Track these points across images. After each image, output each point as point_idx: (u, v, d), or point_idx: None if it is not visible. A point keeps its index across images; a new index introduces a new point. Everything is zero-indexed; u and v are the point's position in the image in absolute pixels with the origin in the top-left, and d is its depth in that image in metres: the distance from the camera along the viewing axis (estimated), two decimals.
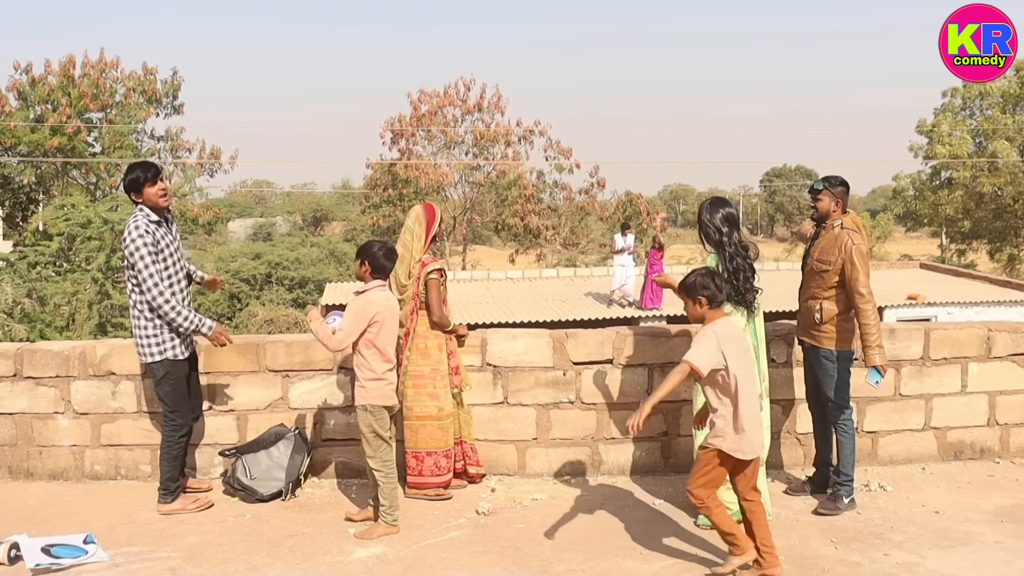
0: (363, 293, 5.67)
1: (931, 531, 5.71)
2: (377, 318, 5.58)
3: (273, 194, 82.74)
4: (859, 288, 5.88)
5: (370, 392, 5.64)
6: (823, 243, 6.12)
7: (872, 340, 5.86)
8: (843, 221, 6.07)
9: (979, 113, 41.80)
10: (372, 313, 5.58)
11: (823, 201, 6.14)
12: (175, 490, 6.09)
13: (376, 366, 5.62)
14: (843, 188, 6.16)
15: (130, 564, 5.28)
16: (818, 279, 6.10)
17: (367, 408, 5.64)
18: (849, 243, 5.94)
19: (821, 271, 6.06)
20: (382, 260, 5.67)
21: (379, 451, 5.66)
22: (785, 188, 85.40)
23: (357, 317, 5.57)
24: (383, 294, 5.72)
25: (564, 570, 5.13)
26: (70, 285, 23.41)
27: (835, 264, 5.97)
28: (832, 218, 6.12)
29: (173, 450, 6.07)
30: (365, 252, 5.71)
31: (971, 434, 7.08)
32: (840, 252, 5.95)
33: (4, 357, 6.73)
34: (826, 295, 6.05)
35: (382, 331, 5.61)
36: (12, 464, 6.74)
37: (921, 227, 49.97)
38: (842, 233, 6.00)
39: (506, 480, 6.67)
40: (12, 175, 32.95)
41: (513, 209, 38.37)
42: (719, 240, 5.94)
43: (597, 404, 6.71)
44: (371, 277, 5.68)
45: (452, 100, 37.25)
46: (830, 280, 6.02)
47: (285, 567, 5.23)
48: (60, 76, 32.16)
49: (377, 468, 5.66)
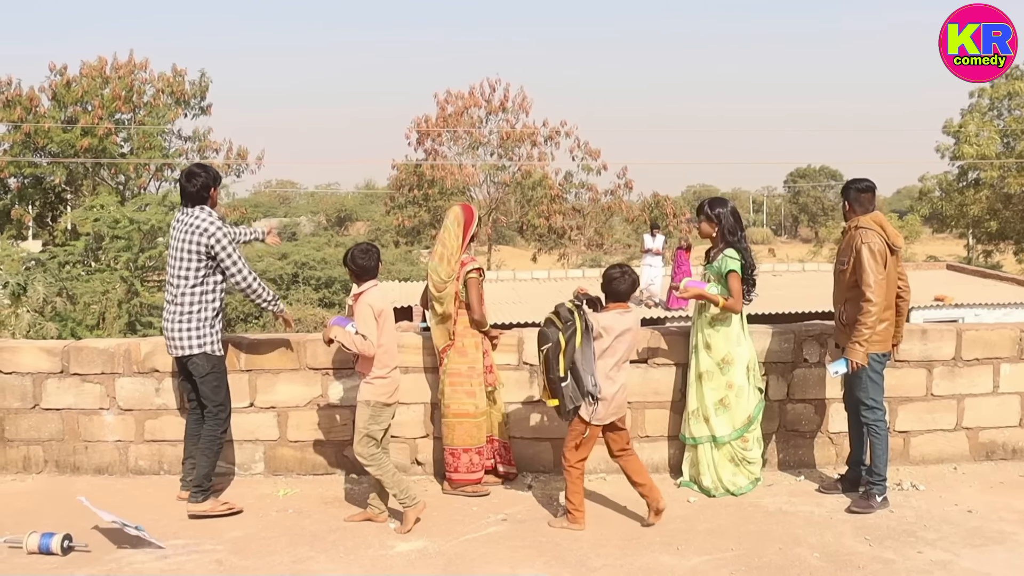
0: (362, 295, 5.87)
1: (964, 530, 5.77)
2: (382, 315, 5.80)
3: (297, 194, 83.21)
4: (863, 287, 5.99)
5: (377, 388, 5.83)
6: (842, 245, 6.25)
7: (857, 336, 5.96)
8: (860, 221, 6.15)
9: (1007, 113, 41.52)
10: (380, 309, 5.79)
11: (847, 205, 6.28)
12: (208, 488, 6.14)
13: (387, 362, 5.83)
14: (859, 191, 6.25)
15: (177, 556, 5.41)
16: (838, 280, 6.22)
17: (370, 404, 5.81)
18: (859, 242, 6.04)
19: (839, 272, 6.19)
20: (360, 262, 5.91)
21: (365, 447, 5.81)
22: (809, 189, 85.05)
23: (370, 316, 5.77)
24: (381, 290, 5.96)
25: (602, 565, 5.23)
26: (100, 284, 23.67)
27: (849, 265, 6.07)
28: (852, 220, 6.22)
29: (216, 445, 6.17)
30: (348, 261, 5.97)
31: (1003, 434, 7.12)
32: (852, 252, 6.05)
33: (51, 354, 6.88)
34: (848, 296, 6.14)
35: (385, 328, 5.82)
36: (59, 459, 6.90)
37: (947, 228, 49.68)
38: (855, 233, 6.12)
39: (542, 478, 6.77)
40: (44, 175, 33.31)
41: (538, 209, 38.47)
42: (737, 237, 6.25)
43: (632, 403, 6.77)
44: (361, 280, 5.91)
45: (477, 101, 37.38)
46: (848, 281, 6.12)
47: (329, 560, 5.35)
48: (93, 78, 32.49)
49: (364, 462, 5.82)
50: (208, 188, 6.13)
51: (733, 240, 6.39)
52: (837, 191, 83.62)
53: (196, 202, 6.11)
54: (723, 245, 6.41)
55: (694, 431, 6.44)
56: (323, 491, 6.55)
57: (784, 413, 6.90)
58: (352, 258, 5.92)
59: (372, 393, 5.82)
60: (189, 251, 6.01)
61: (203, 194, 6.11)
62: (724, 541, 5.57)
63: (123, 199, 30.58)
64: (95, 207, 25.56)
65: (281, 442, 6.85)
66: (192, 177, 6.14)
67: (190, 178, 6.14)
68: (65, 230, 32.58)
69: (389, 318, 5.89)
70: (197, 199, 6.11)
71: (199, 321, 6.07)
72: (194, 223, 6.04)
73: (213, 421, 6.18)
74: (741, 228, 6.45)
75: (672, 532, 5.71)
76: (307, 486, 6.65)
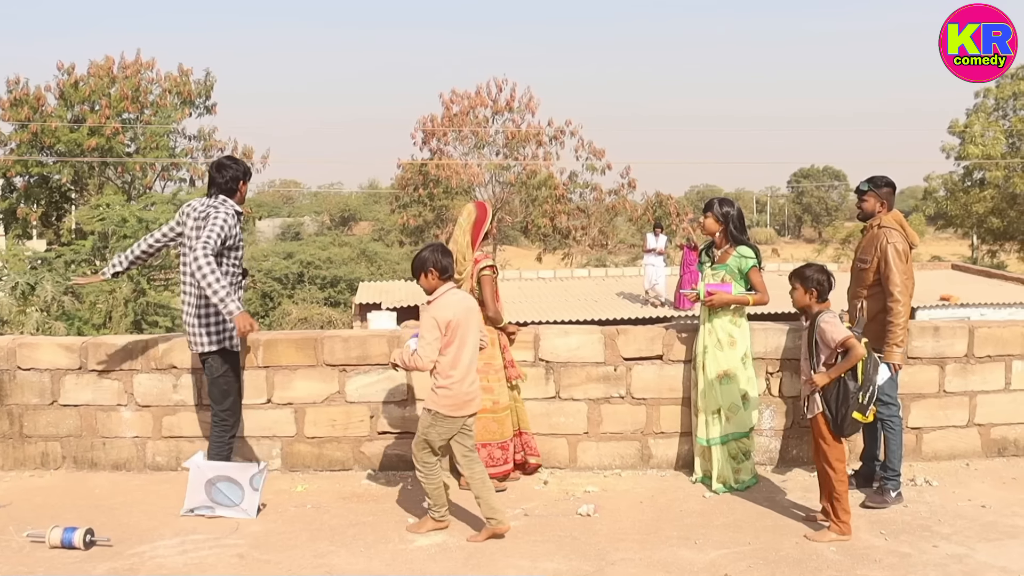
0: (433, 301, 5.55)
1: (979, 524, 5.81)
2: (452, 323, 5.44)
3: (301, 194, 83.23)
4: (890, 287, 6.05)
5: (438, 399, 5.52)
6: (863, 242, 6.28)
7: (893, 338, 6.02)
8: (883, 220, 6.20)
9: (1012, 113, 41.54)
10: (447, 319, 5.43)
11: (868, 202, 6.31)
12: None
13: (448, 372, 5.47)
14: (888, 189, 6.32)
15: (199, 551, 5.46)
16: (859, 277, 6.25)
17: (430, 412, 5.57)
18: (885, 242, 6.09)
19: (860, 269, 6.22)
20: (442, 262, 5.52)
21: (422, 452, 5.60)
22: (813, 189, 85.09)
23: (430, 328, 5.41)
24: (456, 296, 5.59)
25: (621, 559, 5.28)
26: (106, 283, 23.73)
27: (871, 263, 6.11)
28: (876, 217, 6.25)
29: (226, 450, 6.13)
30: (421, 264, 5.53)
31: (1015, 431, 7.16)
32: (876, 251, 6.09)
33: (69, 350, 6.94)
34: (867, 293, 6.19)
35: (456, 335, 5.47)
36: (77, 454, 6.95)
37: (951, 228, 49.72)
38: (880, 232, 6.14)
39: (558, 473, 6.82)
40: (50, 174, 33.39)
41: (543, 209, 38.48)
42: (745, 236, 6.37)
43: (647, 399, 6.85)
44: (440, 282, 5.55)
45: (483, 100, 37.41)
46: (868, 278, 6.16)
47: (349, 554, 5.40)
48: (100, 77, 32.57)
49: (417, 467, 5.65)
50: (237, 180, 6.12)
51: (743, 239, 6.47)
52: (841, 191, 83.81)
53: (223, 193, 6.10)
54: (731, 244, 6.47)
55: (711, 432, 6.47)
56: (340, 487, 6.59)
57: (797, 409, 6.94)
58: (440, 254, 5.53)
59: (432, 402, 5.54)
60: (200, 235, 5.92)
61: (232, 186, 6.10)
62: (741, 535, 5.61)
63: (129, 198, 30.67)
64: (102, 206, 25.63)
65: (298, 438, 6.90)
66: (222, 168, 6.13)
67: (220, 169, 6.12)
68: (70, 229, 32.67)
69: (462, 326, 5.48)
70: (224, 190, 6.09)
71: (217, 316, 5.99)
72: (209, 212, 5.96)
73: (220, 427, 6.13)
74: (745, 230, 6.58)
75: (689, 527, 5.75)
76: (324, 482, 6.70)
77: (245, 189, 6.20)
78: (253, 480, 5.97)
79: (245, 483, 5.94)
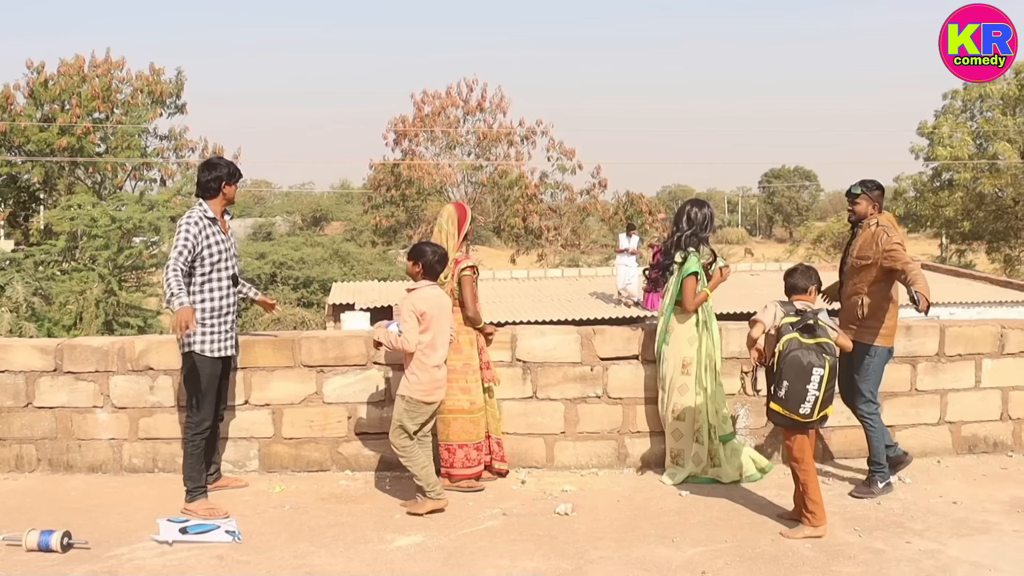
0: (413, 291, 5.95)
1: (950, 520, 5.91)
2: (427, 315, 5.87)
3: (272, 194, 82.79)
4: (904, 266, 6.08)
5: (411, 385, 5.94)
6: (861, 241, 6.41)
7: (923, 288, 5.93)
8: (879, 219, 6.37)
9: (979, 115, 41.96)
10: (422, 310, 5.87)
11: (861, 204, 6.48)
12: (192, 490, 6.11)
13: (424, 360, 5.91)
14: (879, 192, 6.54)
15: (178, 553, 5.44)
16: (859, 274, 6.37)
17: (404, 398, 5.94)
18: (886, 238, 6.24)
19: (862, 267, 6.34)
20: (435, 265, 6.01)
21: (398, 438, 5.97)
22: (784, 189, 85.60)
23: (411, 315, 5.86)
24: (433, 291, 6.01)
25: (600, 557, 5.32)
26: (77, 284, 23.53)
27: (874, 259, 6.24)
28: (869, 218, 6.39)
29: (189, 447, 6.11)
30: (419, 255, 6.03)
31: (985, 428, 7.28)
32: (878, 247, 6.24)
33: (44, 352, 6.90)
34: (868, 290, 6.32)
35: (431, 327, 5.89)
36: (52, 457, 6.91)
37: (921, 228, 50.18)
38: (879, 230, 6.32)
39: (535, 472, 6.86)
40: (18, 174, 33.04)
41: (514, 209, 38.51)
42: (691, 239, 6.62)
43: (624, 399, 6.91)
44: (421, 277, 6.00)
45: (455, 101, 37.42)
46: (871, 275, 6.31)
47: (329, 554, 5.41)
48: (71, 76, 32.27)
49: (397, 452, 6.00)
50: (220, 181, 6.14)
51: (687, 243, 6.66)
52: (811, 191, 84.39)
53: (206, 194, 6.14)
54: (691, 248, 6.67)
55: (726, 428, 6.68)
56: (318, 487, 6.60)
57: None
58: (435, 259, 6.01)
59: (408, 388, 5.96)
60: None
61: (213, 186, 6.13)
62: (718, 533, 5.67)
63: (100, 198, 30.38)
64: (73, 206, 25.39)
65: (276, 439, 6.90)
66: (207, 168, 6.20)
67: (203, 169, 6.21)
68: (39, 229, 32.32)
69: (436, 318, 5.92)
70: (207, 191, 6.14)
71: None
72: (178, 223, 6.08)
73: (186, 423, 6.23)
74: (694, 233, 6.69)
75: (667, 525, 5.81)
76: (302, 483, 6.70)
77: (231, 190, 6.21)
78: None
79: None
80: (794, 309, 5.62)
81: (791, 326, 5.52)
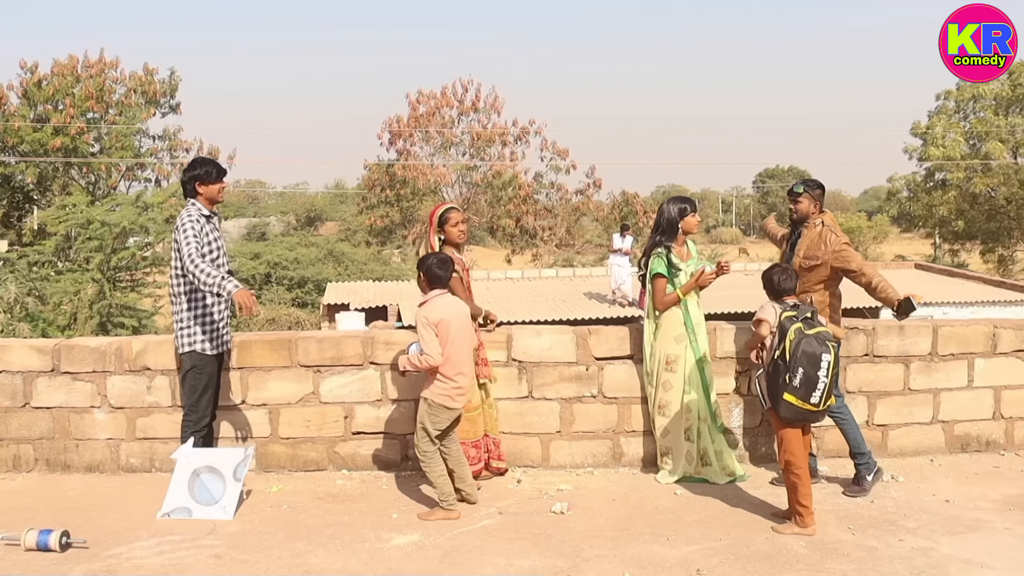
0: (424, 304, 5.93)
1: (943, 518, 5.95)
2: (442, 324, 5.81)
3: (266, 194, 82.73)
4: (860, 268, 6.36)
5: (434, 389, 5.90)
6: (807, 241, 6.49)
7: (890, 291, 6.27)
8: (823, 219, 6.49)
9: (972, 115, 42.14)
10: (436, 319, 5.80)
11: (803, 203, 6.59)
12: None
13: (444, 369, 5.84)
14: (820, 191, 6.65)
15: (176, 552, 5.47)
16: (808, 275, 6.44)
17: (427, 400, 5.92)
18: (834, 238, 6.38)
19: (811, 267, 6.42)
20: (436, 270, 5.93)
21: (421, 442, 5.94)
22: (778, 189, 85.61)
23: (425, 327, 5.80)
24: (445, 299, 5.95)
25: (596, 555, 5.36)
26: (71, 284, 23.52)
27: (823, 259, 6.35)
28: (812, 218, 6.46)
29: None
30: (419, 265, 6.03)
31: (977, 427, 7.33)
32: (826, 247, 6.36)
33: (42, 352, 6.92)
34: (816, 288, 6.43)
35: (448, 336, 5.83)
36: (50, 457, 6.94)
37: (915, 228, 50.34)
38: (825, 230, 6.44)
39: (531, 472, 6.89)
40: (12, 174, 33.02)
41: (507, 209, 38.57)
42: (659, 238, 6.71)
43: (619, 398, 6.95)
44: (429, 288, 5.95)
45: (450, 101, 37.47)
46: (820, 275, 6.42)
47: (327, 553, 5.44)
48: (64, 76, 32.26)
49: (419, 456, 5.97)
50: (195, 181, 6.19)
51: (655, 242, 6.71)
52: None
53: (186, 194, 6.23)
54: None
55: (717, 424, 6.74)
56: (315, 487, 6.63)
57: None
58: (435, 265, 5.96)
59: (431, 392, 5.91)
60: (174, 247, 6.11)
61: (188, 187, 6.21)
62: (712, 531, 5.71)
63: (94, 199, 30.38)
64: (67, 207, 25.38)
65: (273, 439, 6.93)
66: (186, 169, 6.30)
67: (184, 170, 6.31)
68: (32, 230, 32.31)
69: (452, 325, 5.86)
70: (185, 191, 6.24)
71: (190, 319, 6.16)
72: (176, 222, 6.15)
73: (183, 423, 6.28)
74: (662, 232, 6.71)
75: (662, 523, 5.85)
76: (299, 482, 6.73)
77: (211, 191, 6.23)
78: (237, 470, 6.05)
79: (228, 474, 6.03)
80: (788, 305, 5.69)
81: (793, 318, 5.59)
